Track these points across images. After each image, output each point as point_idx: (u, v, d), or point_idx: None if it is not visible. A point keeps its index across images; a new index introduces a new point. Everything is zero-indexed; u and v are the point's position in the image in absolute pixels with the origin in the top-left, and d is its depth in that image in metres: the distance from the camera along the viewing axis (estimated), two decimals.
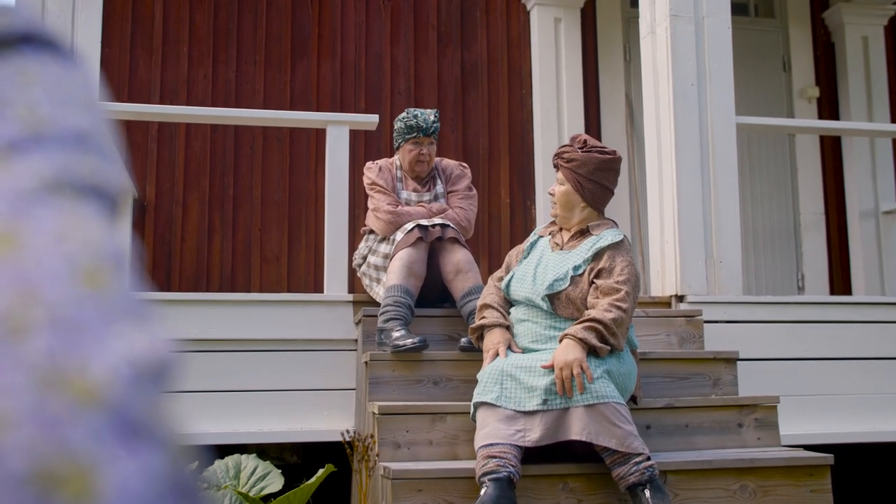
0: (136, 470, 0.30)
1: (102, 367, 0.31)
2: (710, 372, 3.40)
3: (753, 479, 2.89)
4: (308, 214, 5.34)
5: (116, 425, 0.30)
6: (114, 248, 0.36)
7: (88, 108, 0.42)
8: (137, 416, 0.31)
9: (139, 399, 0.31)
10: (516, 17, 5.77)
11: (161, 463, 0.31)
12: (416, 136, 3.63)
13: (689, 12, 4.01)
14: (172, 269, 5.16)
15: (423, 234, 3.41)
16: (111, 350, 0.32)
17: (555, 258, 3.01)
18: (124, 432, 0.30)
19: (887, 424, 3.93)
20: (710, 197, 3.92)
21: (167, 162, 5.25)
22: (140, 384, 0.32)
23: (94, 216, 0.37)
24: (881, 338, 4.00)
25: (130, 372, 0.32)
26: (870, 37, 6.00)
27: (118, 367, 0.31)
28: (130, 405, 0.31)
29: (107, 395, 0.31)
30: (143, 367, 0.32)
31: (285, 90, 5.44)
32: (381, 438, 2.95)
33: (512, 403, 2.71)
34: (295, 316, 3.72)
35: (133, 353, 0.32)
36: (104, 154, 0.40)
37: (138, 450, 0.30)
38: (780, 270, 5.88)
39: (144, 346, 0.33)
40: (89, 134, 0.40)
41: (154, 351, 0.33)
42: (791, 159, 5.99)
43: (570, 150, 3.01)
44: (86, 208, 0.37)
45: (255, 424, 3.61)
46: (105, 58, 5.17)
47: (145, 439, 0.31)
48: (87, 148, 0.39)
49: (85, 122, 0.41)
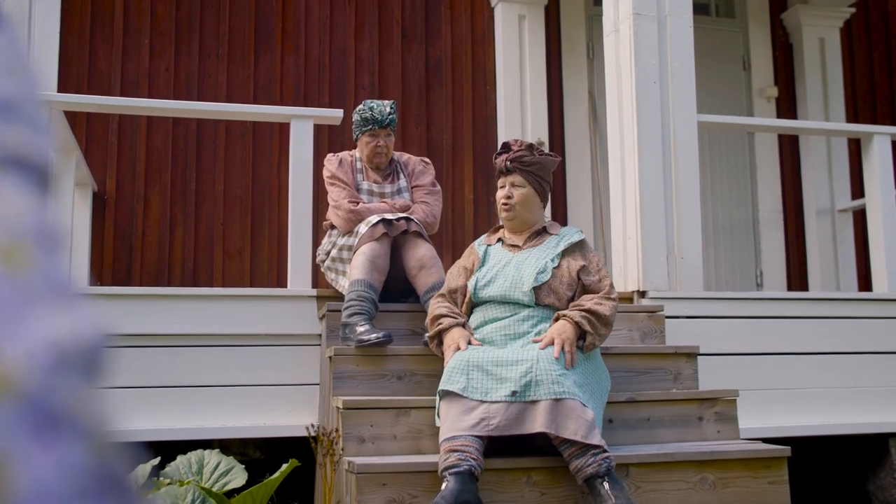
0: (53, 464, 0.27)
1: (16, 352, 0.28)
2: (672, 366, 3.44)
3: (713, 472, 2.93)
4: (271, 209, 5.31)
5: (31, 416, 0.27)
6: (40, 224, 0.33)
7: (14, 75, 0.38)
8: (56, 405, 0.28)
9: (59, 387, 0.29)
10: (481, 13, 5.79)
11: (82, 456, 0.28)
12: (372, 129, 3.65)
13: (651, 11, 4.06)
14: (133, 264, 5.10)
15: (388, 228, 3.41)
16: (28, 334, 0.29)
17: (523, 257, 3.08)
18: (40, 424, 0.27)
19: (842, 417, 4.01)
20: (671, 194, 3.97)
21: (128, 155, 5.19)
22: (61, 371, 0.29)
23: (16, 190, 0.33)
24: (837, 333, 4.09)
25: (50, 358, 0.29)
26: (826, 38, 6.11)
27: (35, 353, 0.29)
28: (48, 394, 0.28)
29: (20, 383, 0.28)
30: (66, 353, 0.29)
31: (248, 84, 5.40)
32: (346, 433, 2.95)
33: (478, 394, 2.72)
34: (258, 311, 3.70)
35: (54, 338, 0.29)
36: (31, 124, 0.36)
37: (56, 442, 0.28)
38: (739, 266, 5.97)
39: (68, 330, 0.30)
40: (14, 102, 0.36)
41: (79, 335, 0.30)
42: (750, 157, 6.09)
43: (526, 153, 3.09)
44: (7, 181, 0.33)
45: (217, 420, 3.58)
46: (64, 49, 5.09)
47: (64, 430, 0.28)
48: (12, 117, 0.36)
49: (10, 89, 0.37)
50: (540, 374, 2.68)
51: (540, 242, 3.12)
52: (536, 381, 2.68)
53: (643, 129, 3.97)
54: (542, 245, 3.10)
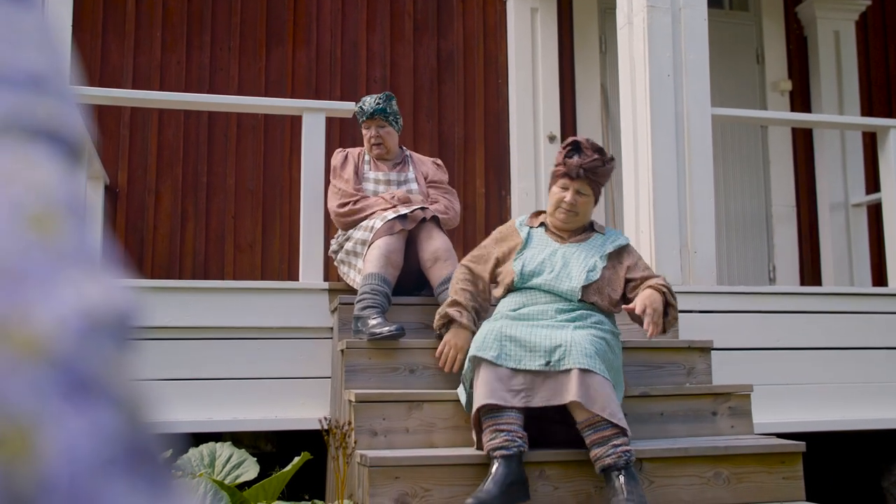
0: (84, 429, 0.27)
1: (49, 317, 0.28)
2: (685, 361, 3.42)
3: (727, 467, 2.92)
4: (282, 202, 5.30)
5: (63, 380, 0.28)
6: (68, 194, 0.34)
7: (44, 50, 0.39)
8: (88, 370, 0.28)
9: (91, 353, 0.29)
10: (493, 6, 5.77)
11: (113, 423, 0.28)
12: (363, 120, 3.75)
13: (665, 4, 4.03)
14: (145, 257, 5.10)
15: (404, 223, 3.41)
16: (60, 299, 0.29)
17: (571, 250, 3.06)
18: (72, 388, 0.28)
19: (856, 413, 3.99)
20: (685, 188, 3.94)
21: (139, 149, 5.19)
22: (92, 337, 0.29)
23: (47, 160, 0.34)
24: (850, 328, 4.06)
25: (81, 324, 0.29)
26: (841, 31, 6.06)
27: (67, 318, 0.29)
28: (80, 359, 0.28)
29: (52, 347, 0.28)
30: (97, 319, 0.30)
31: (260, 77, 5.39)
32: (358, 426, 2.94)
33: (512, 362, 2.72)
34: (270, 304, 3.69)
35: (86, 304, 0.30)
36: (61, 97, 0.38)
37: (87, 407, 0.28)
38: (752, 261, 5.94)
39: (99, 297, 0.30)
40: (44, 76, 0.37)
41: (110, 302, 0.30)
42: (764, 151, 6.05)
43: (598, 163, 3.03)
44: (38, 152, 0.34)
45: (229, 412, 3.58)
46: (76, 42, 5.09)
47: (96, 396, 0.28)
48: (42, 90, 0.37)
49: (40, 63, 0.38)
50: (572, 345, 2.69)
51: (586, 238, 3.12)
52: (568, 350, 2.69)
53: (657, 123, 3.94)
54: (589, 242, 3.10)
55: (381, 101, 3.72)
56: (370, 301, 3.27)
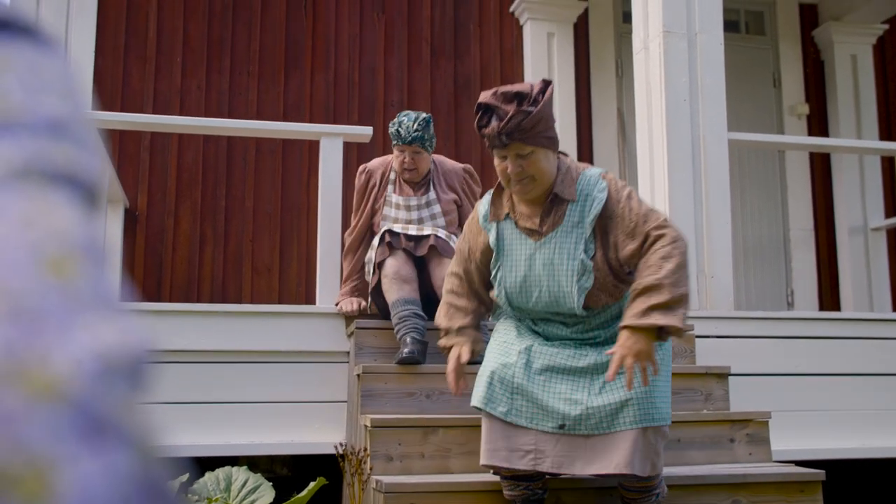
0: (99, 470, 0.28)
1: (65, 359, 0.29)
2: (702, 387, 3.40)
3: (746, 495, 2.89)
4: (300, 226, 5.33)
5: (79, 422, 0.28)
6: (86, 238, 0.34)
7: (65, 96, 0.40)
8: (103, 412, 0.29)
9: (106, 395, 0.29)
10: (509, 30, 5.80)
11: (128, 463, 0.28)
12: (398, 144, 3.61)
13: (682, 29, 4.04)
14: (163, 280, 5.14)
15: (395, 241, 3.47)
16: (76, 342, 0.30)
17: (550, 251, 2.44)
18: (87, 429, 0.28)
19: (877, 440, 3.94)
20: (702, 212, 3.94)
21: (159, 172, 5.24)
22: (107, 379, 0.30)
23: (66, 204, 0.35)
24: (870, 354, 4.02)
25: (97, 366, 0.30)
26: (858, 55, 6.05)
27: (83, 361, 0.29)
28: (95, 401, 0.29)
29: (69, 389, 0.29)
30: (112, 362, 0.30)
31: (278, 101, 5.44)
32: (374, 451, 2.94)
33: (524, 420, 2.41)
34: (286, 328, 3.71)
35: (101, 347, 0.30)
36: (81, 143, 0.38)
37: (102, 449, 0.28)
38: (770, 285, 5.90)
39: (114, 340, 0.31)
40: (65, 122, 0.38)
41: (125, 345, 0.31)
42: (781, 175, 6.03)
43: (520, 117, 2.31)
44: (57, 196, 0.35)
45: (245, 437, 3.59)
46: (98, 67, 5.16)
47: (111, 438, 0.29)
48: (62, 136, 0.38)
49: (61, 109, 0.39)
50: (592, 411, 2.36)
51: (560, 220, 2.44)
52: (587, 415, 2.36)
53: (673, 148, 3.95)
54: (564, 224, 2.43)
55: (419, 128, 3.54)
56: (398, 329, 3.35)
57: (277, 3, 5.52)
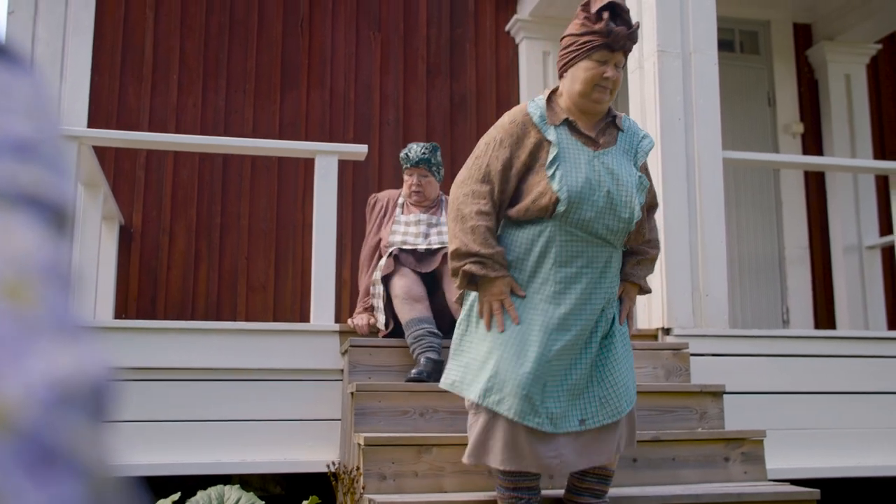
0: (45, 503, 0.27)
1: (16, 388, 0.28)
2: (697, 405, 3.39)
3: None
4: (295, 243, 5.33)
5: (26, 453, 0.27)
6: (49, 261, 0.33)
7: (34, 117, 0.39)
8: (54, 442, 0.28)
9: (58, 424, 0.28)
10: (505, 49, 5.83)
11: (77, 495, 0.27)
12: (407, 167, 3.79)
13: (676, 48, 4.06)
14: (158, 297, 5.13)
15: (403, 258, 3.55)
16: (29, 370, 0.29)
17: (609, 161, 2.43)
18: (35, 461, 0.27)
19: (872, 459, 3.93)
20: (696, 231, 3.94)
21: (154, 189, 5.24)
22: (61, 407, 0.29)
23: (28, 227, 0.34)
24: (865, 372, 4.02)
25: (50, 394, 0.29)
26: (852, 75, 6.09)
27: (35, 389, 0.28)
28: (46, 430, 0.28)
29: (18, 419, 0.27)
30: (68, 389, 0.29)
31: (274, 119, 5.45)
32: (367, 470, 2.92)
33: (549, 426, 2.34)
34: (281, 345, 3.70)
35: (56, 374, 0.29)
36: (48, 164, 0.37)
37: (50, 480, 0.27)
38: (765, 303, 5.90)
39: (71, 367, 0.30)
40: (33, 143, 0.37)
41: (82, 372, 0.30)
42: (776, 194, 6.05)
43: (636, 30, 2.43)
44: (19, 218, 0.34)
45: (238, 455, 3.57)
46: (95, 85, 5.18)
47: (60, 468, 0.28)
48: (29, 157, 0.36)
49: (29, 130, 0.38)
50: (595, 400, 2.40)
51: (613, 141, 2.46)
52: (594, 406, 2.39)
53: (668, 166, 3.96)
54: (617, 147, 2.47)
55: (426, 151, 3.76)
56: (414, 348, 3.39)
57: (274, 21, 5.55)
